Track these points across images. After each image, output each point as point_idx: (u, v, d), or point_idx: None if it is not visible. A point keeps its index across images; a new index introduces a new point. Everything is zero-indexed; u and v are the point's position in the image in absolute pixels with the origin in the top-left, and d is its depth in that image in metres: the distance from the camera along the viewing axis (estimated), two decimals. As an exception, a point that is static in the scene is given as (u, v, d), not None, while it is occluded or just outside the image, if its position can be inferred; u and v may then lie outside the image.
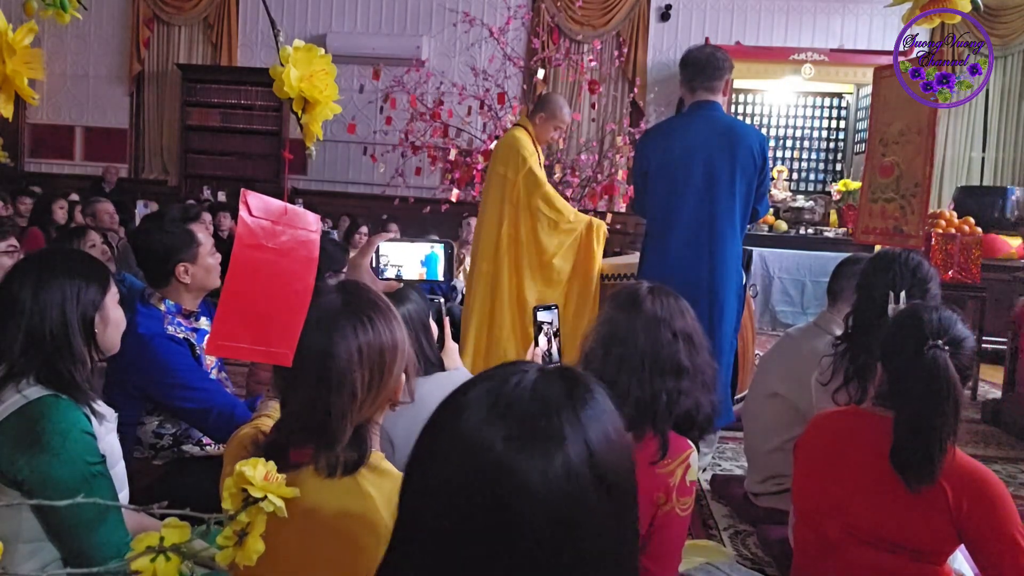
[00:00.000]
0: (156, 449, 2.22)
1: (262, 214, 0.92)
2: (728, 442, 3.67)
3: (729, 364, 3.33)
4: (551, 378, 0.69)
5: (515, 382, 0.68)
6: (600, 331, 1.67)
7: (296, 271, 0.94)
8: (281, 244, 0.92)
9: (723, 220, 3.14)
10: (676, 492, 1.57)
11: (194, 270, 2.24)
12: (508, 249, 3.93)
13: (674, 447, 1.59)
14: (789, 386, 2.65)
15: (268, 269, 0.91)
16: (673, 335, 1.62)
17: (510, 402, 0.67)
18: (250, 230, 0.90)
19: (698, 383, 1.63)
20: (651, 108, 8.29)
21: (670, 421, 1.58)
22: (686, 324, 1.66)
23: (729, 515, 2.90)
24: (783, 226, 7.53)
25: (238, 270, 0.89)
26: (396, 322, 1.18)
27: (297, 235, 0.94)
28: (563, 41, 8.10)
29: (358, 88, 7.86)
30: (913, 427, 1.63)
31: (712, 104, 3.21)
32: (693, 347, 1.65)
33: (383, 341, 1.13)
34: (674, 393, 1.58)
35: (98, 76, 9.11)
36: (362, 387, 1.11)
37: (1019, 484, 3.43)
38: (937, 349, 1.65)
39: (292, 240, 0.93)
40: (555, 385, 0.68)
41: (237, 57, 8.92)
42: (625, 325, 1.62)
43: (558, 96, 4.15)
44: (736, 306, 3.28)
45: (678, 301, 1.73)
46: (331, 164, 8.79)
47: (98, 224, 5.03)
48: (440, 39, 8.49)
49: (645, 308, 1.64)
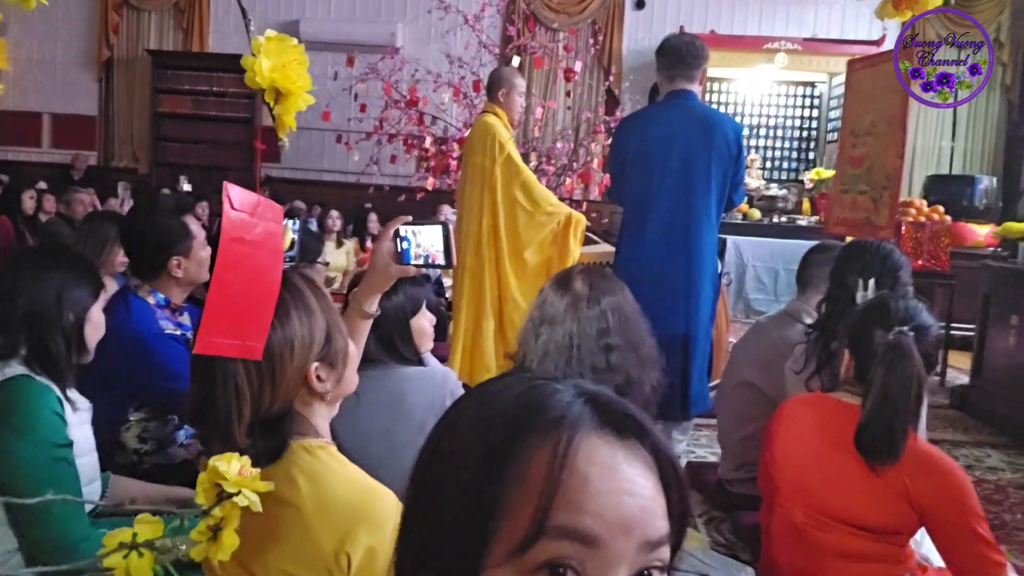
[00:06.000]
0: (140, 454, 2.19)
1: (242, 207, 0.91)
2: (703, 429, 3.71)
3: (705, 353, 3.36)
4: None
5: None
6: (532, 313, 1.71)
7: (268, 263, 0.94)
8: (256, 236, 0.92)
9: (699, 209, 3.15)
10: None
11: (187, 264, 2.20)
12: (489, 241, 3.85)
13: None
14: (761, 374, 2.68)
15: (245, 262, 0.90)
16: (601, 313, 1.63)
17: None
18: (234, 224, 0.89)
19: (632, 360, 1.64)
20: (626, 96, 8.30)
21: None
22: (617, 301, 1.68)
23: (703, 502, 2.93)
24: (757, 214, 7.58)
25: (225, 265, 0.89)
26: (298, 316, 1.18)
27: (268, 227, 0.94)
28: (539, 29, 8.07)
29: (332, 75, 7.77)
30: (877, 409, 1.67)
31: (689, 93, 3.21)
32: (627, 324, 1.66)
33: (271, 340, 1.12)
34: (602, 370, 1.59)
35: (66, 62, 8.95)
36: (248, 382, 1.12)
37: (986, 468, 3.50)
38: (902, 335, 1.69)
39: (264, 232, 0.93)
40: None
41: (209, 43, 8.80)
42: (555, 305, 1.65)
43: (499, 68, 4.11)
44: (712, 295, 3.31)
45: (611, 281, 1.75)
46: (305, 152, 8.70)
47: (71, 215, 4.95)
48: (415, 26, 8.43)
49: (574, 288, 1.67)
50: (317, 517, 1.11)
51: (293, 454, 1.16)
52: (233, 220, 0.90)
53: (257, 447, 1.14)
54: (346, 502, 1.13)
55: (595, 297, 1.66)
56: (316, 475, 1.14)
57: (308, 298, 1.20)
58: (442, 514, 0.57)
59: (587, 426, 0.57)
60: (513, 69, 4.01)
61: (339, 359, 1.23)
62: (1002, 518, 2.95)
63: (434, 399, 2.10)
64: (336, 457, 1.19)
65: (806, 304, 2.72)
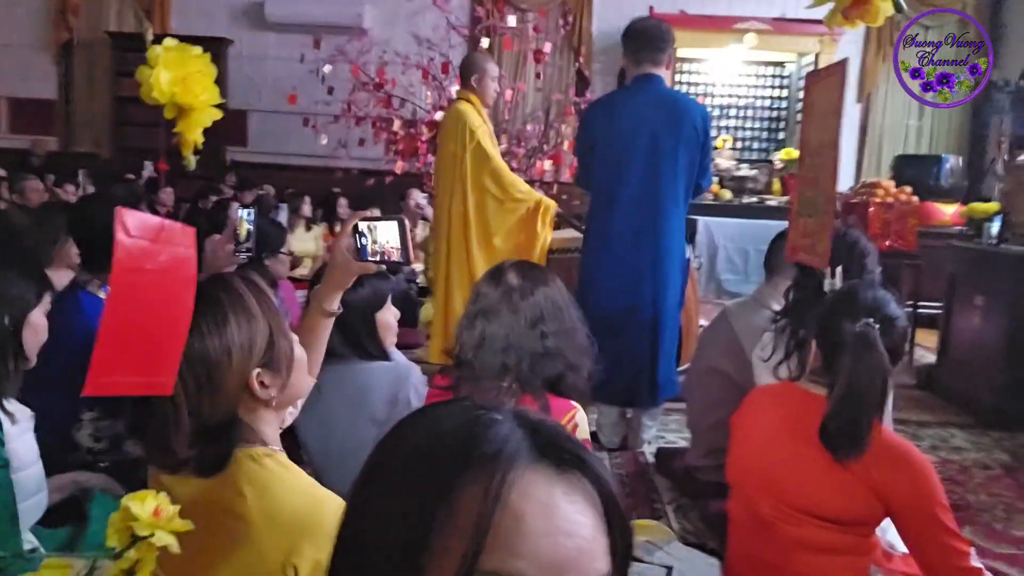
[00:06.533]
0: (95, 453, 2.14)
1: (140, 233, 0.86)
2: (672, 414, 3.71)
3: (674, 338, 3.35)
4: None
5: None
6: (468, 307, 1.75)
7: (175, 291, 0.89)
8: (160, 264, 0.87)
9: (667, 194, 3.14)
10: None
11: None
12: (456, 226, 3.86)
13: (556, 408, 1.66)
14: (728, 361, 2.67)
15: (147, 292, 0.85)
16: (535, 303, 1.68)
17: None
18: (129, 252, 0.84)
19: (568, 346, 1.70)
20: (597, 78, 8.25)
21: (539, 383, 1.66)
22: (550, 291, 1.72)
23: (672, 488, 2.93)
24: (727, 195, 7.59)
25: (119, 297, 0.83)
26: (236, 321, 1.14)
27: (176, 253, 0.89)
28: (508, 9, 7.98)
29: (299, 58, 7.64)
30: (842, 401, 1.67)
31: (656, 78, 3.19)
32: (560, 312, 1.71)
33: (207, 348, 1.10)
34: (541, 356, 1.64)
35: (23, 44, 8.69)
36: (186, 392, 1.09)
37: (951, 448, 3.54)
38: (868, 327, 1.69)
39: (170, 259, 0.88)
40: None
41: (171, 25, 8.59)
42: (489, 296, 1.70)
43: (472, 54, 4.11)
44: (679, 280, 3.30)
45: (543, 272, 1.81)
46: (272, 135, 8.56)
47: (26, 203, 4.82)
48: (382, 7, 8.30)
49: (507, 279, 1.71)
50: (264, 528, 1.08)
51: (239, 463, 1.13)
52: (128, 249, 0.84)
53: (201, 456, 1.11)
54: (293, 512, 1.09)
55: (528, 288, 1.70)
56: (262, 485, 1.11)
57: (248, 302, 1.16)
58: (373, 546, 0.55)
59: (524, 460, 0.54)
60: (485, 55, 3.99)
61: (283, 364, 1.19)
62: (966, 499, 2.98)
63: (397, 394, 2.07)
64: (284, 465, 1.16)
65: (774, 290, 2.71)
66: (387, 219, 1.43)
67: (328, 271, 1.56)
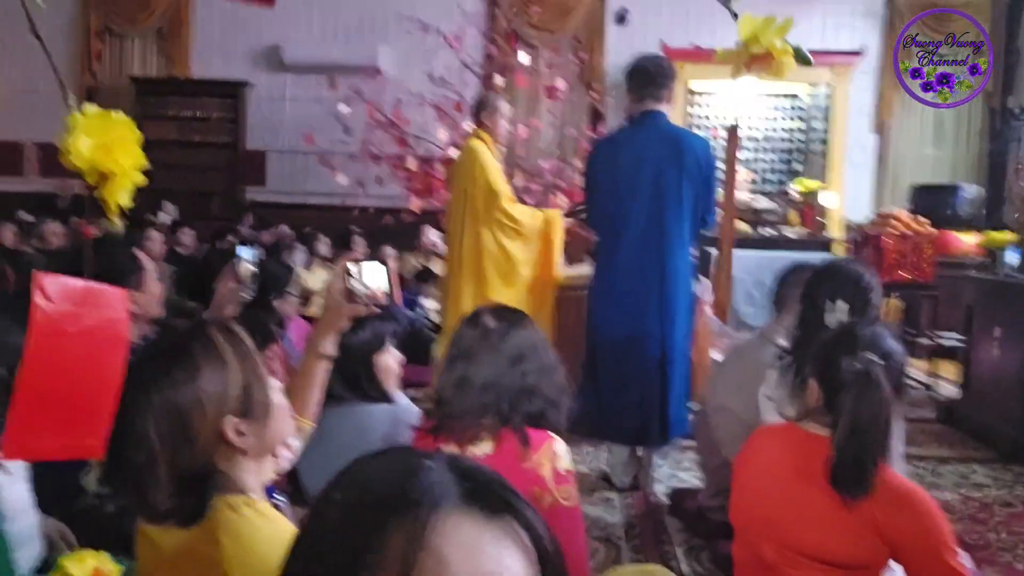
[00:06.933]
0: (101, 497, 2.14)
1: (61, 298, 0.87)
2: (688, 452, 3.66)
3: (684, 374, 3.32)
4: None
5: None
6: (449, 351, 1.80)
7: (103, 354, 0.89)
8: (85, 327, 0.87)
9: (672, 229, 3.13)
10: (553, 483, 1.65)
11: (139, 297, 2.17)
12: (468, 261, 3.87)
13: (535, 440, 1.68)
14: (737, 399, 2.64)
15: (71, 356, 0.86)
16: (513, 343, 1.73)
17: None
18: (48, 318, 0.85)
19: (547, 383, 1.74)
20: (611, 112, 8.28)
21: (519, 417, 1.69)
22: (527, 333, 1.77)
23: (683, 529, 2.88)
24: (744, 227, 7.56)
25: (35, 362, 0.84)
26: (209, 370, 1.14)
27: (104, 315, 0.90)
28: (520, 47, 8.07)
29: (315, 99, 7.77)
30: (846, 440, 1.64)
31: (658, 114, 3.20)
32: (537, 352, 1.76)
33: (179, 398, 1.10)
34: (523, 393, 1.69)
35: (49, 90, 8.90)
36: (161, 443, 1.09)
37: (972, 485, 3.45)
38: (870, 363, 1.67)
39: (98, 321, 0.88)
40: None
41: (191, 69, 8.78)
42: (467, 338, 1.75)
43: (485, 92, 4.18)
44: (688, 315, 3.28)
45: (519, 315, 1.85)
46: (290, 175, 8.67)
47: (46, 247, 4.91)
48: (397, 47, 8.42)
49: (484, 322, 1.76)
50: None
51: (217, 512, 1.12)
52: (47, 313, 0.85)
53: (180, 506, 1.11)
54: (268, 562, 1.08)
55: (505, 329, 1.74)
56: (239, 533, 1.10)
57: (221, 350, 1.16)
58: None
59: (450, 504, 0.55)
60: (498, 93, 4.06)
61: (260, 412, 1.18)
62: (987, 538, 2.90)
63: (396, 437, 2.06)
64: (262, 513, 1.15)
65: (780, 326, 2.68)
66: (372, 262, 1.45)
67: (322, 314, 1.57)
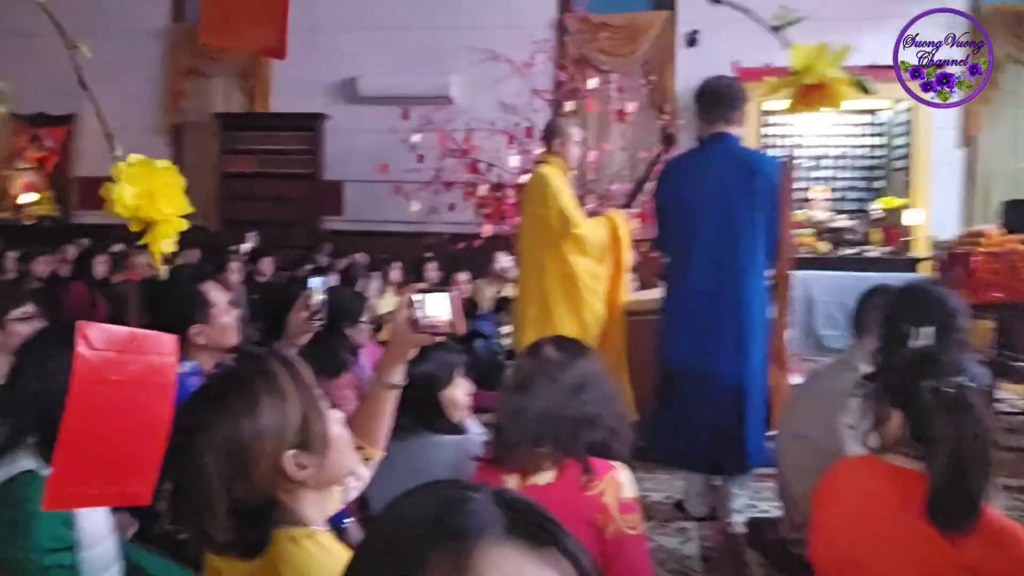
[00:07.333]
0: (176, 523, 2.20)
1: (105, 345, 0.88)
2: (768, 480, 3.53)
3: (761, 402, 3.22)
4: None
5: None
6: (506, 382, 1.81)
7: (149, 400, 0.90)
8: (130, 374, 0.88)
9: (744, 252, 3.06)
10: (616, 511, 1.63)
11: (208, 331, 2.24)
12: (536, 287, 3.83)
13: (598, 469, 1.66)
14: (816, 428, 2.54)
15: (115, 403, 0.87)
16: (573, 374, 1.73)
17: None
18: (92, 365, 0.86)
19: (609, 412, 1.75)
20: (682, 134, 8.19)
21: (579, 447, 1.68)
22: (587, 363, 1.78)
23: (763, 563, 2.78)
24: (824, 247, 7.35)
25: (79, 409, 0.85)
26: (269, 403, 1.14)
27: (150, 361, 0.91)
28: (590, 72, 8.08)
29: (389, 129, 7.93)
30: (947, 471, 1.56)
31: (727, 136, 3.15)
32: (598, 382, 1.76)
33: (238, 431, 1.11)
34: (580, 423, 1.68)
35: (140, 128, 9.35)
36: (220, 477, 1.10)
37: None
38: (961, 386, 1.59)
39: (143, 367, 0.90)
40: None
41: (271, 103, 9.09)
42: (525, 369, 1.76)
43: (556, 119, 4.20)
44: (764, 340, 3.19)
45: (580, 345, 1.86)
46: (366, 205, 8.87)
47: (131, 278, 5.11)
48: (468, 77, 8.54)
49: (545, 353, 1.77)
50: None
51: (278, 545, 1.13)
52: (92, 361, 0.86)
53: (241, 539, 1.12)
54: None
55: (565, 360, 1.75)
56: (300, 568, 1.11)
57: (281, 383, 1.17)
58: None
59: (494, 536, 0.57)
60: (569, 119, 4.07)
61: (318, 445, 1.19)
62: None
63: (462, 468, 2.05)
64: (323, 546, 1.15)
65: (862, 351, 2.58)
66: (437, 291, 1.46)
67: (389, 344, 1.58)
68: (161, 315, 2.26)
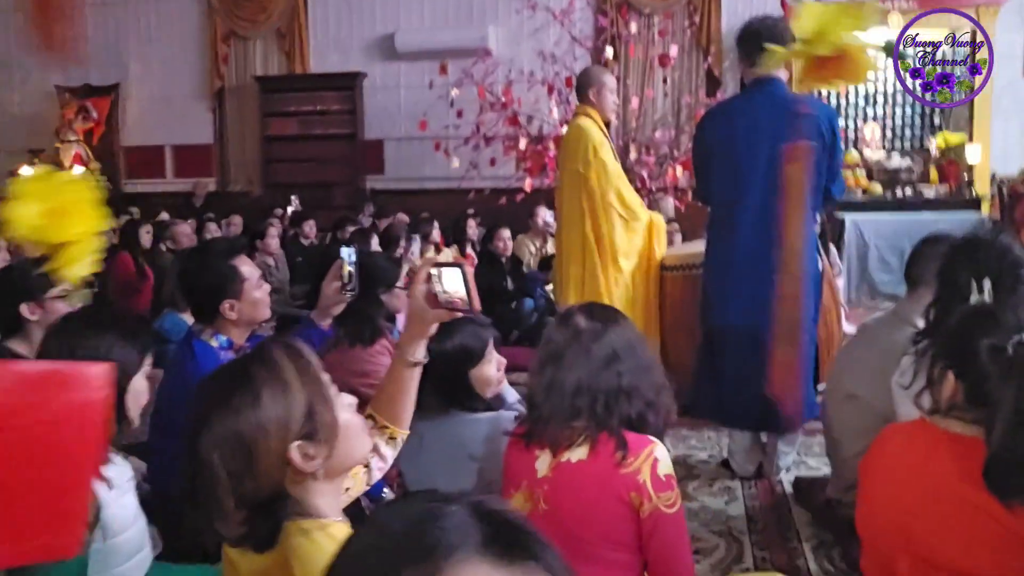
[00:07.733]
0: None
1: (9, 390, 0.81)
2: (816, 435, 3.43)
3: (810, 356, 3.10)
4: None
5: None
6: (538, 354, 1.73)
7: (75, 442, 0.84)
8: (44, 417, 0.81)
9: (792, 204, 2.92)
10: (652, 488, 1.58)
11: (240, 306, 2.21)
12: (590, 249, 3.73)
13: (634, 444, 1.61)
14: (868, 386, 2.43)
15: (28, 450, 0.80)
16: (607, 343, 1.66)
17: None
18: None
19: (646, 383, 1.69)
20: (728, 76, 7.92)
21: (615, 421, 1.62)
22: (620, 330, 1.71)
23: (811, 523, 2.70)
24: (877, 189, 7.07)
25: None
26: (271, 395, 1.11)
27: (70, 398, 0.84)
28: (631, 16, 7.83)
29: (427, 84, 7.82)
30: (1011, 436, 1.45)
31: (775, 80, 2.99)
32: (634, 350, 1.70)
33: (241, 425, 1.08)
34: (615, 396, 1.63)
35: (183, 95, 9.41)
36: (226, 472, 1.08)
37: None
38: (1022, 347, 1.48)
39: (65, 407, 0.83)
40: None
41: (310, 64, 9.04)
42: (557, 342, 1.68)
43: (588, 67, 4.08)
44: (813, 293, 3.06)
45: (612, 312, 1.80)
46: (406, 162, 8.82)
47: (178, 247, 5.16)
48: (506, 26, 8.36)
49: (576, 323, 1.69)
50: None
51: (289, 537, 1.11)
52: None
53: (252, 532, 1.11)
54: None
55: (598, 328, 1.67)
56: (309, 559, 1.08)
57: (284, 372, 1.13)
58: None
59: (468, 549, 0.56)
60: (602, 67, 3.91)
61: (327, 433, 1.15)
62: None
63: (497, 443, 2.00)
64: (335, 538, 1.11)
65: (917, 304, 2.44)
66: (450, 265, 1.38)
67: (407, 320, 1.52)
68: (193, 290, 2.25)
